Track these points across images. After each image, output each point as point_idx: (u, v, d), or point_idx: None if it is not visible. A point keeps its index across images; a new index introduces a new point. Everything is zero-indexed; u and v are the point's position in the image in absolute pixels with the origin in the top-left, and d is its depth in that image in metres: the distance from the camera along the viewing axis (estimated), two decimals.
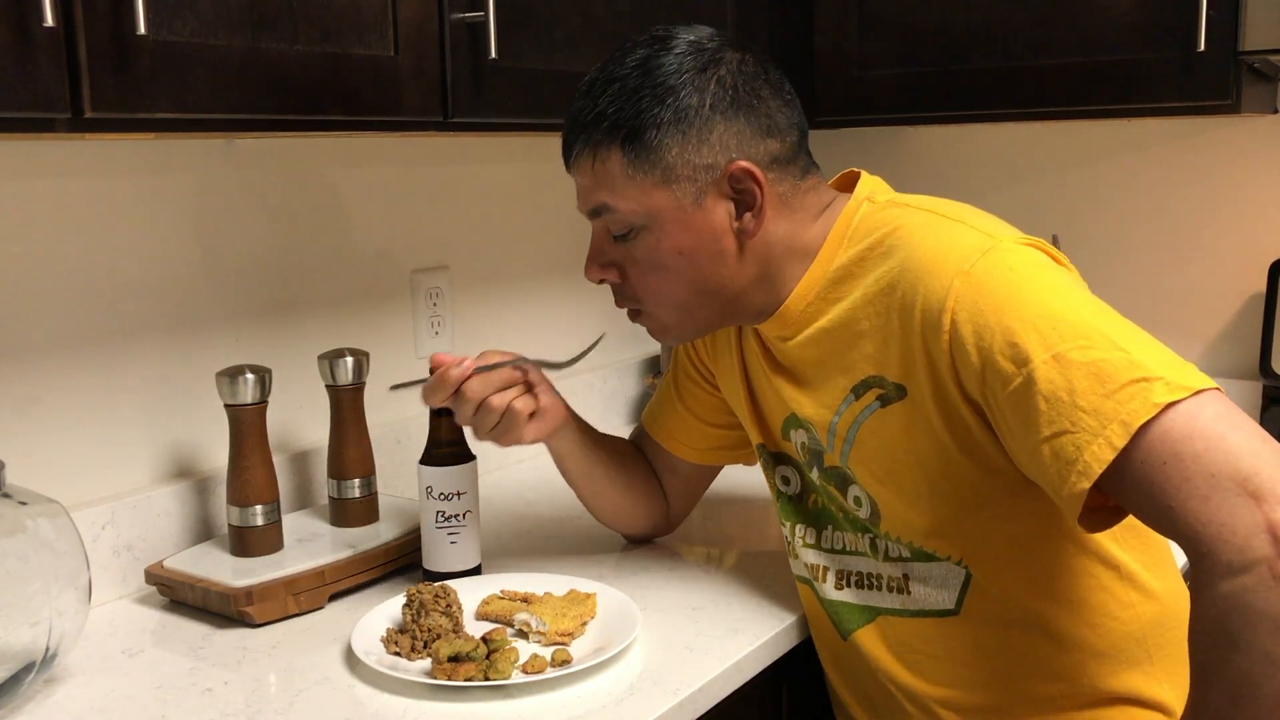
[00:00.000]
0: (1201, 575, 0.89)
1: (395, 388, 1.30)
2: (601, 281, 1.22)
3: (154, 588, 1.33)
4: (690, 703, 1.11)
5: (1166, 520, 0.91)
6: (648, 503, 1.45)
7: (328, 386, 1.43)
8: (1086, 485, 0.94)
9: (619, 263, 1.19)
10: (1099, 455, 0.93)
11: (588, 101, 1.15)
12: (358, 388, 1.44)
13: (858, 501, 1.17)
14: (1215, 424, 0.90)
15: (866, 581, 1.20)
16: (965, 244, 1.06)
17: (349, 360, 1.42)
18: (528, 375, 1.27)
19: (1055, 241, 1.89)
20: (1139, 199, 2.01)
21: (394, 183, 1.67)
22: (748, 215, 1.14)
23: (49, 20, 0.91)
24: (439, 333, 1.75)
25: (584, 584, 1.29)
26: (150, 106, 1.00)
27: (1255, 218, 1.92)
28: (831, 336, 1.15)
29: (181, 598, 1.31)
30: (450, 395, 1.24)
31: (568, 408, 1.33)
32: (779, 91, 1.17)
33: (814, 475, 1.22)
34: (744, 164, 1.12)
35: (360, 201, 1.63)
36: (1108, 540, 1.12)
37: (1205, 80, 1.57)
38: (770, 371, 1.24)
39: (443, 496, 1.31)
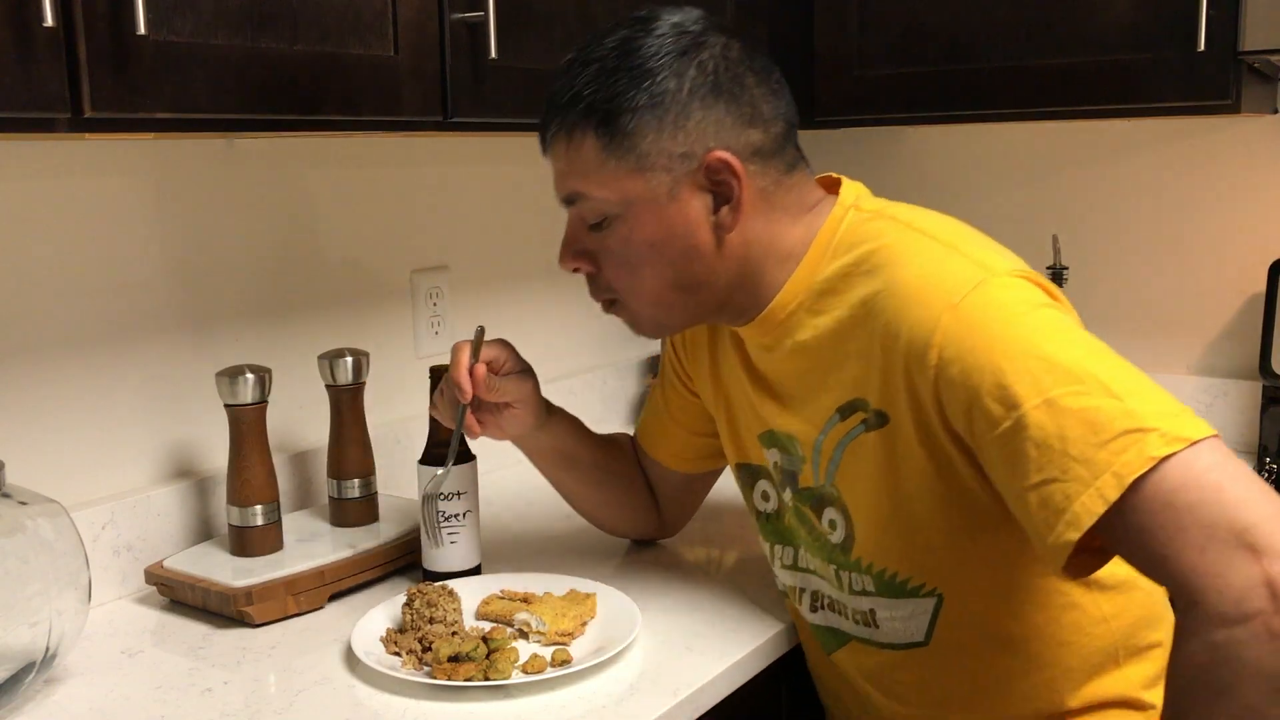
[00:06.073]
0: (1191, 623, 0.87)
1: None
2: (576, 271, 1.17)
3: (154, 588, 1.33)
4: (690, 703, 1.11)
5: (1159, 568, 0.89)
6: (630, 507, 1.43)
7: (328, 386, 1.43)
8: (1075, 536, 0.90)
9: (593, 252, 1.13)
10: (1089, 507, 0.89)
11: (565, 82, 1.10)
12: (358, 388, 1.44)
13: (832, 525, 1.14)
14: (1210, 474, 0.87)
15: (835, 607, 1.18)
16: (955, 274, 1.00)
17: (349, 360, 1.42)
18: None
19: (1055, 242, 1.90)
20: (1139, 199, 2.01)
21: (394, 183, 1.67)
22: (725, 209, 1.08)
23: (49, 20, 0.91)
24: (439, 333, 1.75)
25: (584, 584, 1.29)
26: (150, 106, 1.00)
27: (1255, 218, 1.91)
28: (814, 353, 1.11)
29: (181, 598, 1.31)
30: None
31: (541, 410, 1.31)
32: (764, 79, 1.10)
33: (787, 495, 1.20)
34: (722, 154, 1.06)
35: (360, 202, 1.63)
36: None
37: (1205, 80, 1.57)
38: (750, 385, 1.20)
39: (443, 496, 1.31)
